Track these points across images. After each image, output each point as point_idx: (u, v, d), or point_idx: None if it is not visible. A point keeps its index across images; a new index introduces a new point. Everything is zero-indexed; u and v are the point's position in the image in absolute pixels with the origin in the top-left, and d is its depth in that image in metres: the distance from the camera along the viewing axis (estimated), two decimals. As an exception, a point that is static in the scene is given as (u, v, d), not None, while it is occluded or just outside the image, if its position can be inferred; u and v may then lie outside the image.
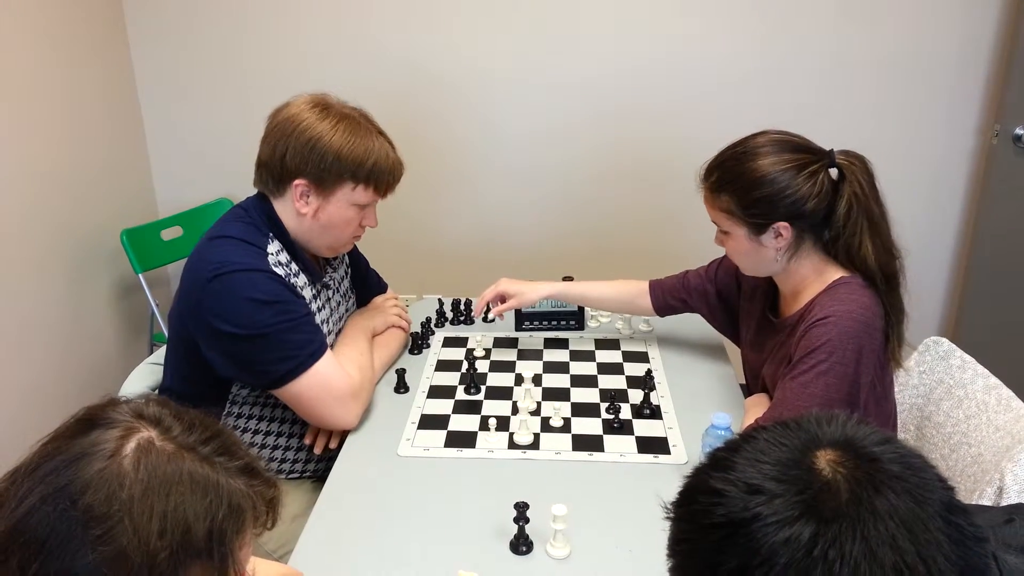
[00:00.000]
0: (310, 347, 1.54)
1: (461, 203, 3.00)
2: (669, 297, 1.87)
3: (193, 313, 1.52)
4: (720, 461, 0.72)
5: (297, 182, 1.55)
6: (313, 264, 1.68)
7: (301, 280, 1.62)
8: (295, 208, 1.58)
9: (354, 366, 1.64)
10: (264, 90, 2.81)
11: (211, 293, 1.49)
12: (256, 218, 1.60)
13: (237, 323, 1.48)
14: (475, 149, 2.92)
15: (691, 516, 0.72)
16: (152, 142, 3.00)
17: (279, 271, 1.55)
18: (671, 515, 0.75)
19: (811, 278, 1.53)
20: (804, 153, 1.47)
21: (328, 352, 1.58)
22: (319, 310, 1.68)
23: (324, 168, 1.53)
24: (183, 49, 2.86)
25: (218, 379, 1.58)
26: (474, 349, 1.91)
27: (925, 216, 2.88)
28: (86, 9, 2.64)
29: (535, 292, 1.89)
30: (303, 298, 1.60)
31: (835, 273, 1.51)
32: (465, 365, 1.81)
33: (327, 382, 1.55)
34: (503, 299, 1.89)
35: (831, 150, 1.48)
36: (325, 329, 1.68)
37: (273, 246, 1.58)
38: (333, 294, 1.77)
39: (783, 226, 1.47)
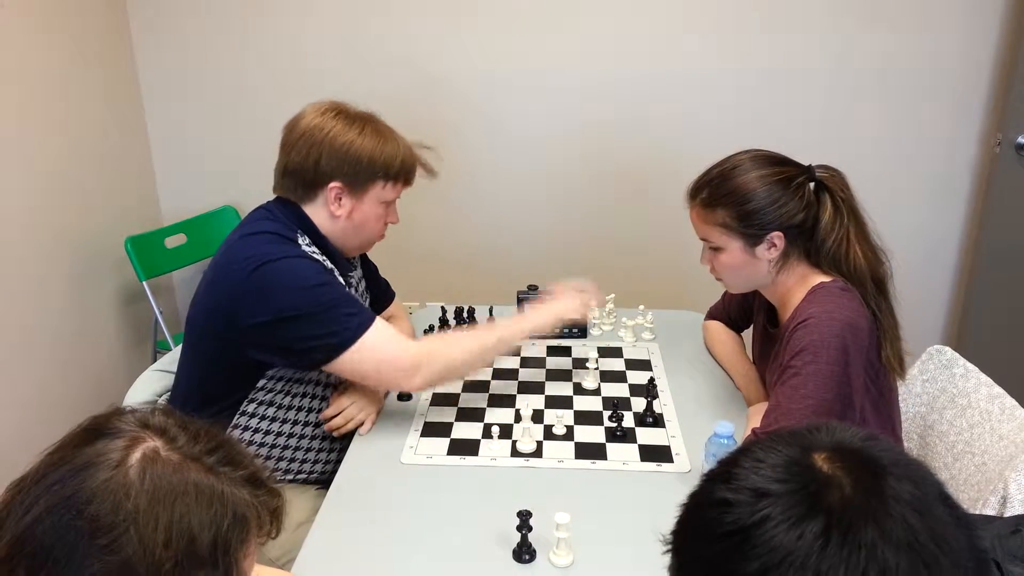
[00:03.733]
0: (360, 317, 1.57)
1: (463, 209, 3.00)
2: (732, 313, 1.92)
3: (232, 308, 1.55)
4: (720, 475, 0.72)
5: (332, 185, 1.62)
6: (343, 260, 1.74)
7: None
8: (329, 211, 1.65)
9: (414, 342, 1.67)
10: (268, 98, 2.83)
11: (255, 283, 1.53)
12: (283, 218, 1.65)
13: (286, 305, 1.52)
14: (477, 154, 2.92)
15: (697, 533, 0.72)
16: (156, 149, 3.01)
17: (316, 257, 1.62)
18: (671, 545, 0.74)
19: (796, 287, 1.56)
20: (787, 166, 1.53)
21: (378, 322, 1.60)
22: None
23: (359, 170, 1.63)
24: (187, 56, 2.87)
25: (241, 379, 1.61)
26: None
27: (928, 224, 2.87)
28: (90, 16, 2.65)
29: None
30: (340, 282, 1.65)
31: (817, 279, 1.54)
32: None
33: (380, 350, 1.57)
34: None
35: (810, 165, 1.54)
36: None
37: (303, 240, 1.63)
38: (354, 292, 1.80)
39: (777, 236, 1.51)
